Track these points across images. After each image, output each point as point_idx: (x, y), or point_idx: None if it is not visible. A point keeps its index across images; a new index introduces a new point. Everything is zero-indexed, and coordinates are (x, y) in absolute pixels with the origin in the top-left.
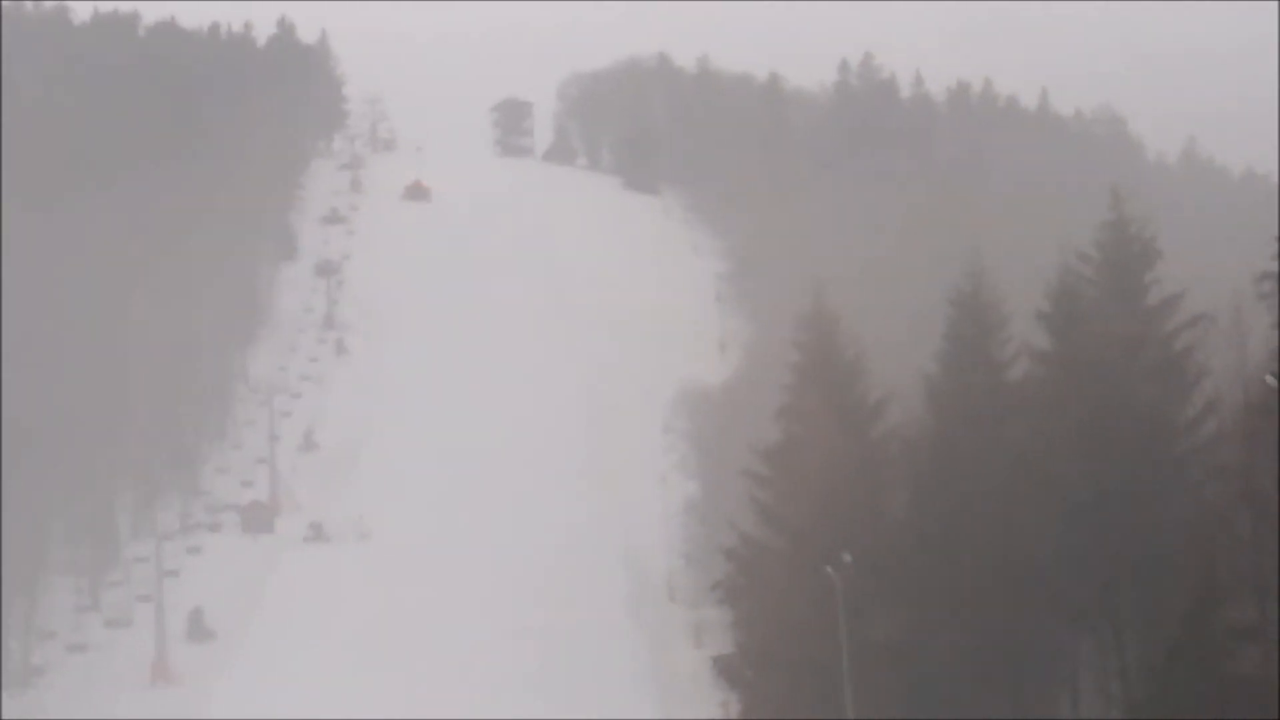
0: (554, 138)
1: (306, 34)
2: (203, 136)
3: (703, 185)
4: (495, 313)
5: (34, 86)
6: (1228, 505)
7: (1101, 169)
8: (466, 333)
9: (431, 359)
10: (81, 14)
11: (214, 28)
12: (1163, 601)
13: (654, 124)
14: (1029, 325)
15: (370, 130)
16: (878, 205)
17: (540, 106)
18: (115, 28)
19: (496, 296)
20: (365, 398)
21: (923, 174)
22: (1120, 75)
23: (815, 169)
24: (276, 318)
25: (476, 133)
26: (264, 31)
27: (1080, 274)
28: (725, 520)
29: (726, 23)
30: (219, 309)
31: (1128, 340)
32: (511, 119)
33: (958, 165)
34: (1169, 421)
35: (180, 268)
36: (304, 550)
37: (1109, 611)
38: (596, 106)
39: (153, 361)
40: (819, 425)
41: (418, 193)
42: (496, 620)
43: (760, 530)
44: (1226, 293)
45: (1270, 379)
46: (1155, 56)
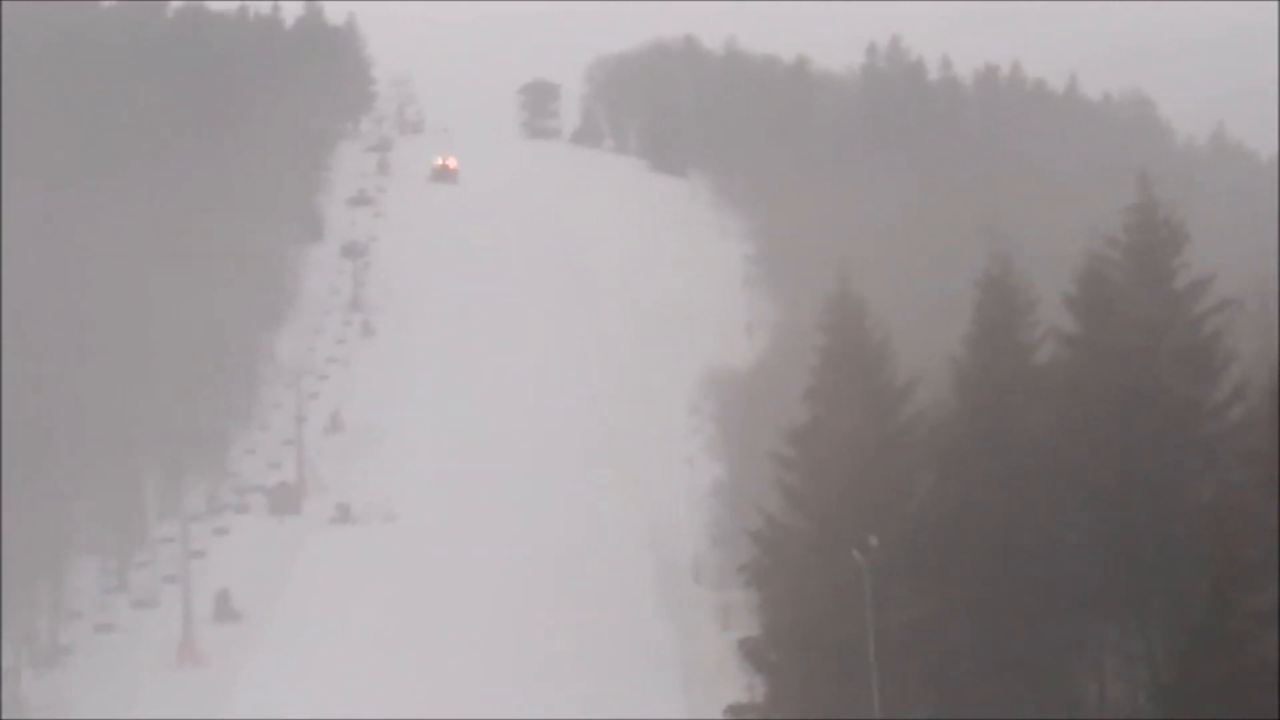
0: (581, 120)
1: (334, 16)
2: (230, 118)
3: (729, 168)
4: (521, 295)
5: (59, 69)
6: (1254, 490)
7: (1130, 152)
8: (492, 315)
9: (457, 341)
10: None
11: (242, 9)
12: (1188, 586)
13: (681, 107)
14: (1056, 309)
15: (398, 112)
16: (905, 188)
17: (567, 89)
18: (143, 10)
19: (523, 279)
20: (391, 380)
21: (950, 157)
22: (1149, 58)
23: (842, 152)
24: (303, 300)
25: (504, 115)
26: (292, 13)
27: (1108, 258)
28: (751, 503)
29: (754, 5)
30: (246, 291)
31: (1155, 324)
32: (539, 101)
33: (985, 148)
34: (1196, 406)
35: (207, 250)
36: (330, 532)
37: (1135, 596)
38: (624, 89)
39: (179, 343)
40: (845, 408)
41: (445, 174)
42: (521, 602)
43: (786, 513)
44: (1255, 277)
45: None
46: (1184, 39)
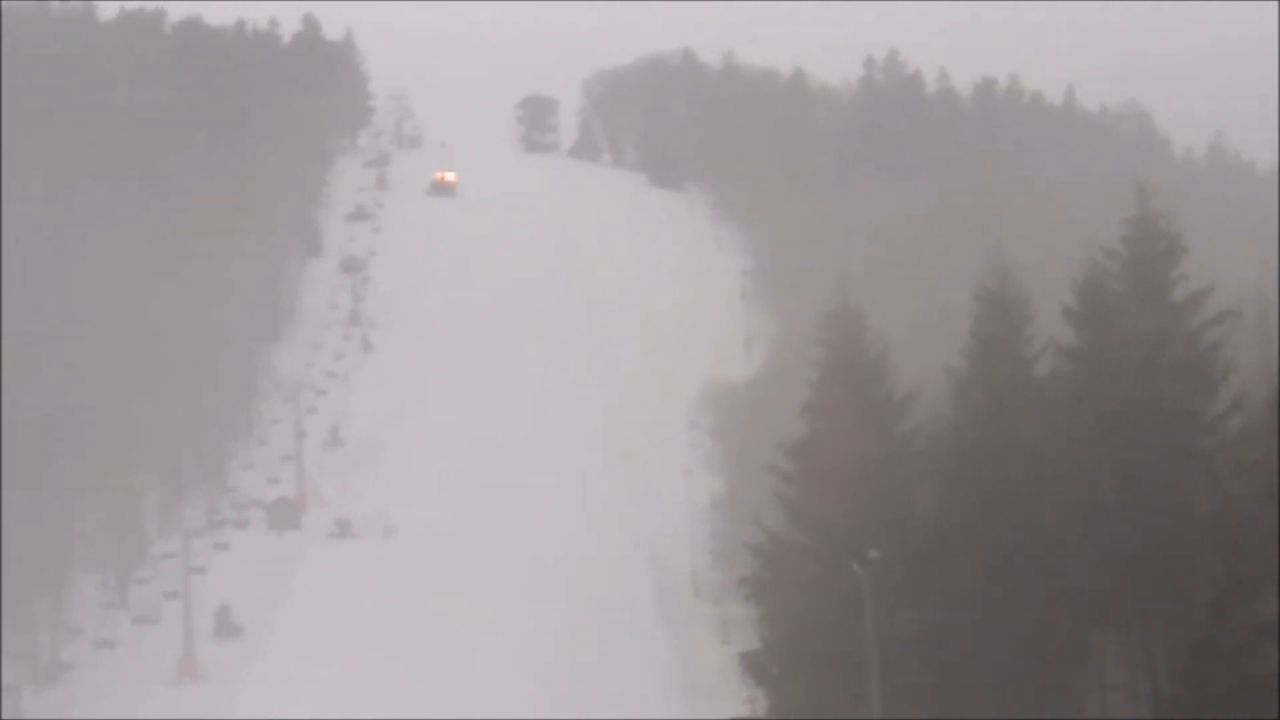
0: (579, 134)
1: (332, 31)
2: (228, 133)
3: (727, 182)
4: (520, 309)
5: (57, 83)
6: (1254, 501)
7: (1127, 164)
8: (491, 329)
9: (456, 355)
10: (107, 11)
11: (239, 25)
12: (1189, 598)
13: (679, 121)
14: (1055, 321)
15: (395, 127)
16: (903, 202)
17: (565, 103)
18: (141, 25)
19: (521, 293)
20: (391, 394)
21: (948, 170)
22: (1146, 70)
23: (840, 165)
24: (302, 314)
25: (501, 129)
26: (289, 28)
27: (1106, 270)
28: (751, 516)
29: (751, 19)
30: (245, 306)
31: (1153, 336)
32: (536, 115)
33: (983, 161)
34: (1195, 417)
35: (206, 265)
36: (330, 547)
37: (1135, 608)
38: (621, 103)
39: (178, 358)
40: (844, 421)
41: (443, 188)
42: (521, 616)
43: (786, 526)
44: (1252, 288)
45: None
46: (1181, 51)
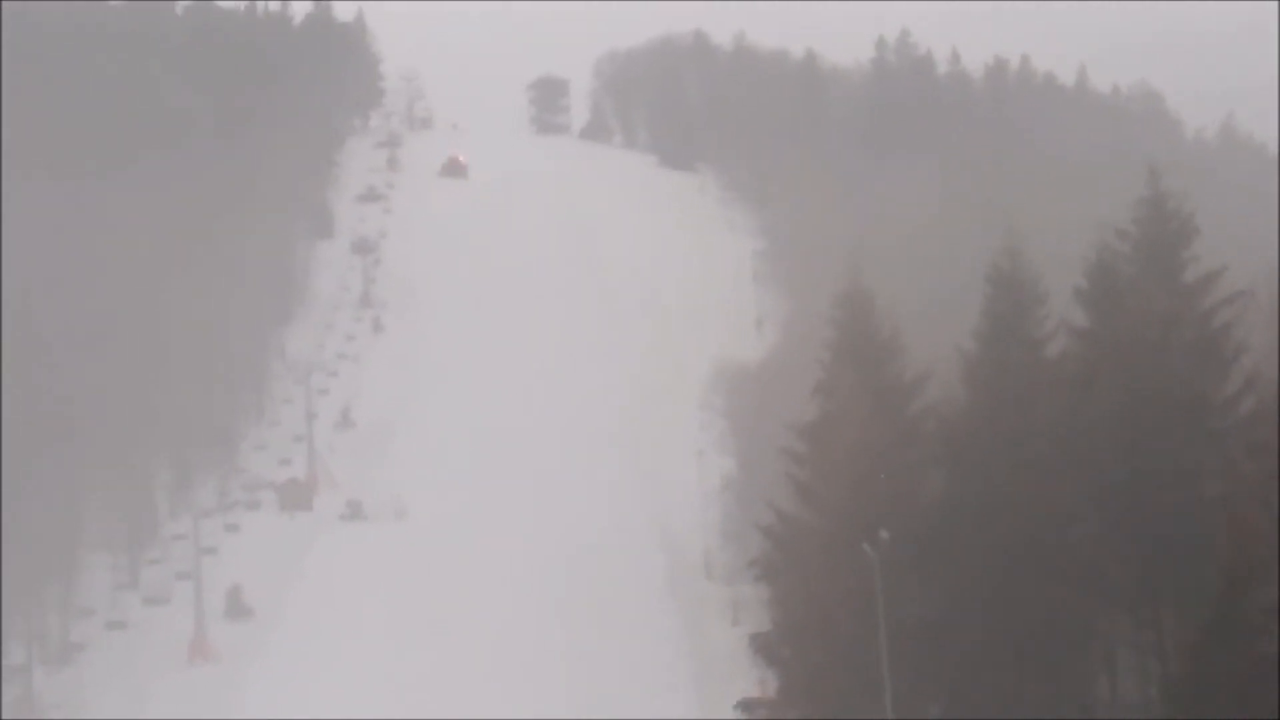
0: (590, 115)
1: (343, 12)
2: (239, 115)
3: (739, 163)
4: (531, 291)
5: (71, 66)
6: (1266, 483)
7: (1139, 145)
8: (502, 310)
9: (468, 337)
10: None
11: (251, 7)
12: (1199, 580)
13: (690, 102)
14: (1066, 302)
15: (407, 108)
16: (914, 182)
17: (576, 84)
18: (152, 10)
19: (533, 274)
20: (402, 376)
21: (959, 151)
22: (1158, 51)
23: (851, 146)
24: (313, 296)
25: (513, 110)
26: (301, 9)
27: (1118, 251)
28: (762, 498)
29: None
30: (256, 287)
31: (1165, 317)
32: (548, 97)
33: (994, 142)
34: (1207, 398)
35: (217, 246)
36: (341, 528)
37: (1146, 589)
38: (633, 84)
39: (190, 340)
40: (855, 403)
41: (454, 169)
42: (532, 598)
43: (797, 508)
44: (1265, 269)
45: None
46: (1193, 32)
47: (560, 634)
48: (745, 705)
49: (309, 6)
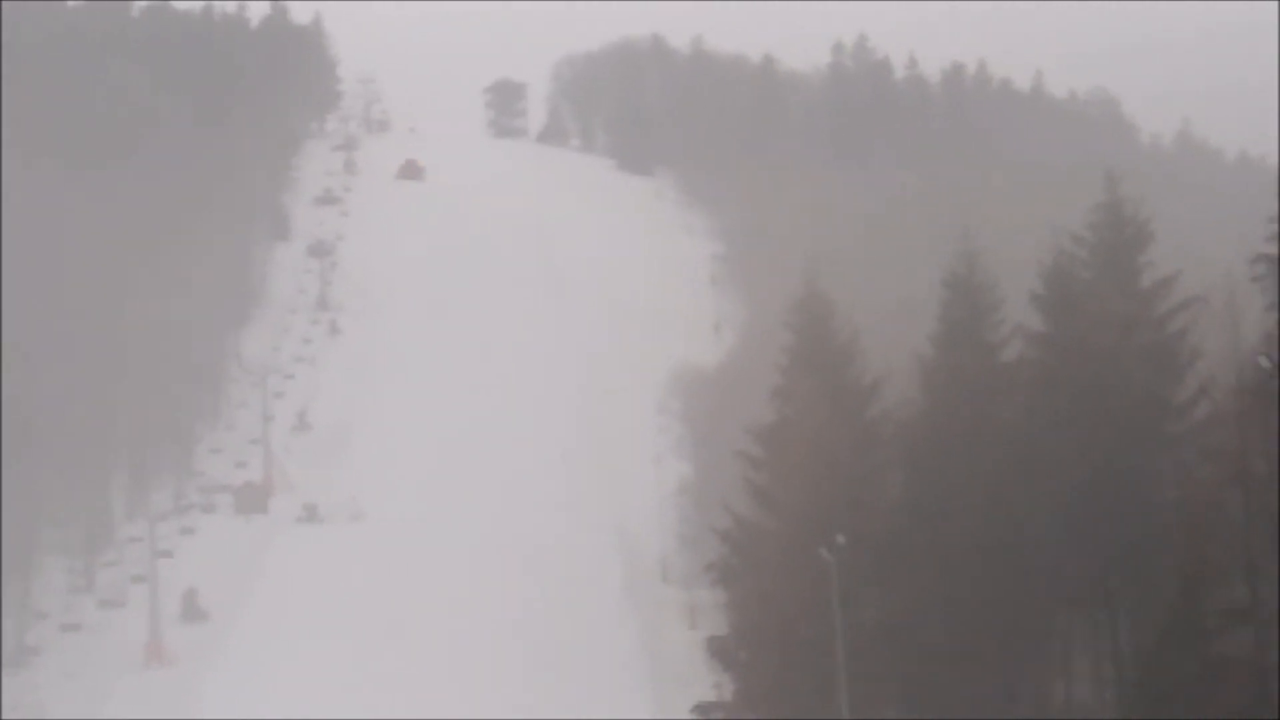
0: (548, 119)
1: (300, 15)
2: (195, 118)
3: (697, 167)
4: (489, 294)
5: (26, 68)
6: (1220, 487)
7: (1096, 151)
8: (460, 314)
9: (425, 340)
10: None
11: (207, 8)
12: (1155, 583)
13: (648, 106)
14: (1023, 307)
15: (364, 111)
16: (872, 187)
17: (534, 88)
18: (108, 11)
19: (490, 277)
20: (358, 378)
21: (916, 156)
22: (1115, 57)
23: (809, 151)
24: (270, 298)
25: (470, 114)
26: (258, 12)
27: (1074, 256)
28: (719, 502)
29: (720, 5)
30: (212, 290)
31: (1121, 322)
32: (505, 100)
33: (951, 147)
34: (1162, 403)
35: (173, 249)
36: (297, 531)
37: (1102, 592)
38: (590, 88)
39: (146, 342)
40: (813, 407)
41: (411, 171)
42: (489, 601)
43: (754, 512)
44: (1220, 275)
45: (1263, 361)
46: (1150, 38)
47: (517, 637)
48: (702, 709)
49: (266, 9)
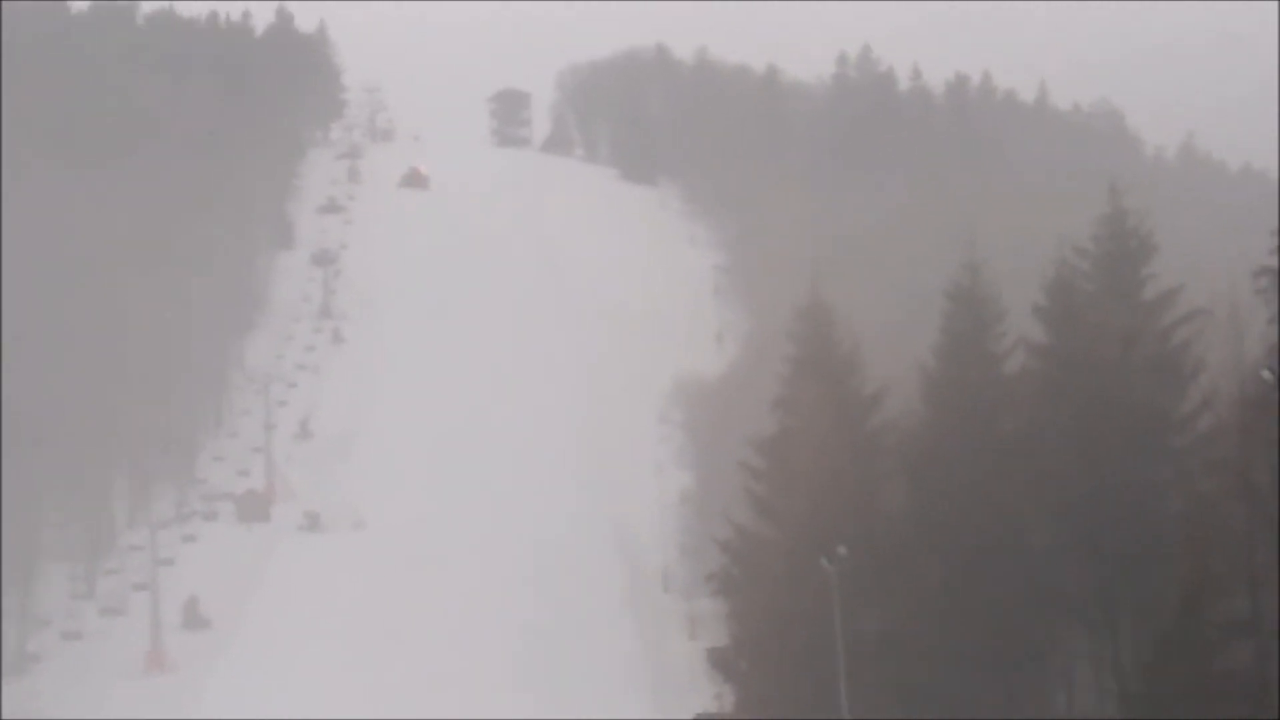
0: (551, 128)
1: (305, 23)
2: (200, 126)
3: (700, 177)
4: (492, 303)
5: (30, 75)
6: (1223, 500)
7: (1099, 163)
8: (463, 323)
9: (428, 348)
10: (79, 4)
11: (212, 16)
12: (1157, 595)
13: (652, 115)
14: (1026, 319)
15: (368, 120)
16: (875, 198)
17: (538, 97)
18: (113, 17)
19: (493, 287)
20: (361, 387)
21: (920, 167)
22: (1119, 69)
23: (812, 162)
24: (273, 307)
25: (474, 123)
26: (262, 20)
27: (1077, 268)
28: (720, 512)
29: (725, 15)
30: (216, 298)
31: (1124, 334)
32: (509, 109)
33: (955, 158)
34: (1165, 416)
35: (177, 256)
36: (299, 539)
37: (1104, 604)
38: (594, 97)
39: (149, 350)
40: (815, 417)
41: (415, 179)
42: (490, 610)
43: (755, 522)
44: (1224, 287)
45: (1266, 374)
46: (1154, 51)
47: (517, 646)
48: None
49: (271, 17)
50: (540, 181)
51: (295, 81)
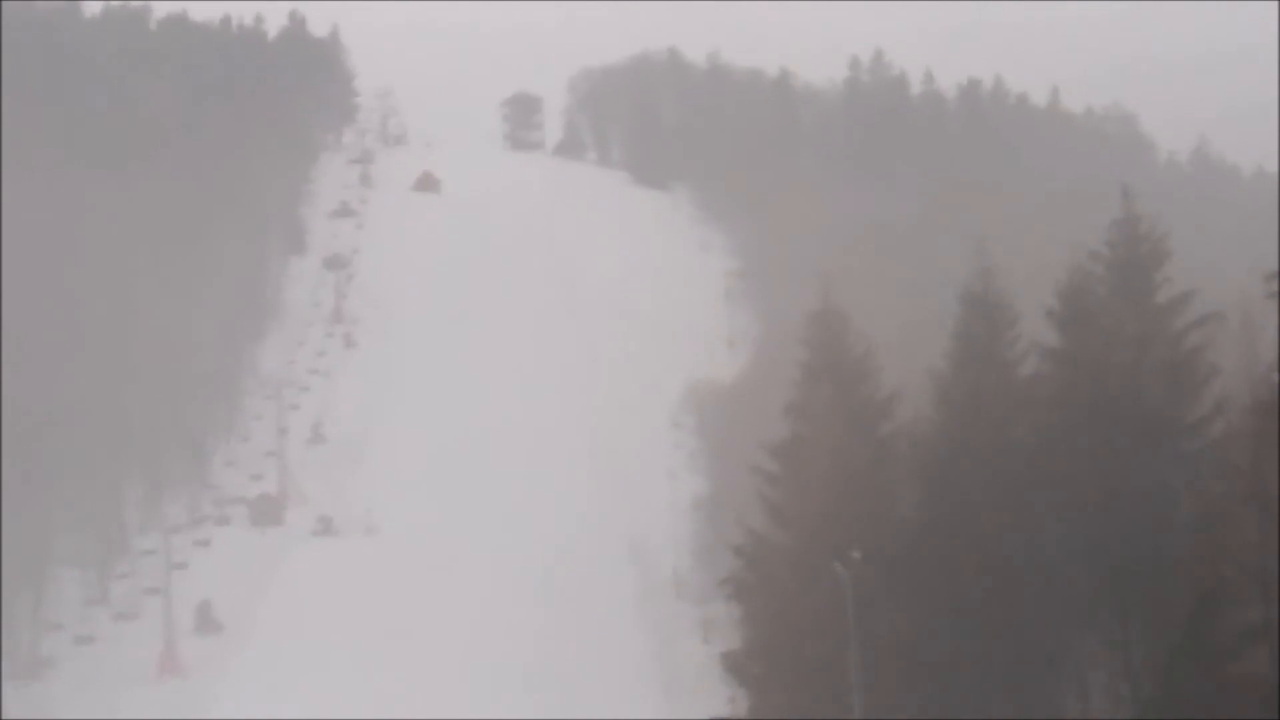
0: (564, 133)
1: (318, 27)
2: (213, 130)
3: (712, 181)
4: (504, 307)
5: (44, 80)
6: (1235, 505)
7: (1112, 167)
8: (475, 327)
9: (440, 353)
10: (92, 7)
11: (225, 21)
12: (1170, 600)
13: (664, 120)
14: (1038, 323)
15: (380, 124)
16: (887, 202)
17: (550, 101)
18: (126, 21)
19: (505, 291)
20: (373, 391)
21: (933, 172)
22: (1132, 73)
23: (825, 166)
24: (285, 311)
25: (487, 127)
26: (275, 25)
27: (1090, 272)
28: (733, 517)
29: (737, 18)
30: (228, 302)
31: (1137, 339)
32: (521, 113)
33: (968, 162)
34: (1177, 420)
35: (189, 261)
36: (312, 544)
37: (1117, 610)
38: (607, 102)
39: (161, 354)
40: (827, 422)
41: (428, 183)
42: (503, 615)
43: (768, 527)
44: (1236, 292)
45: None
46: (1167, 55)
47: (530, 651)
48: None
49: (284, 22)
50: (552, 186)
51: (308, 86)
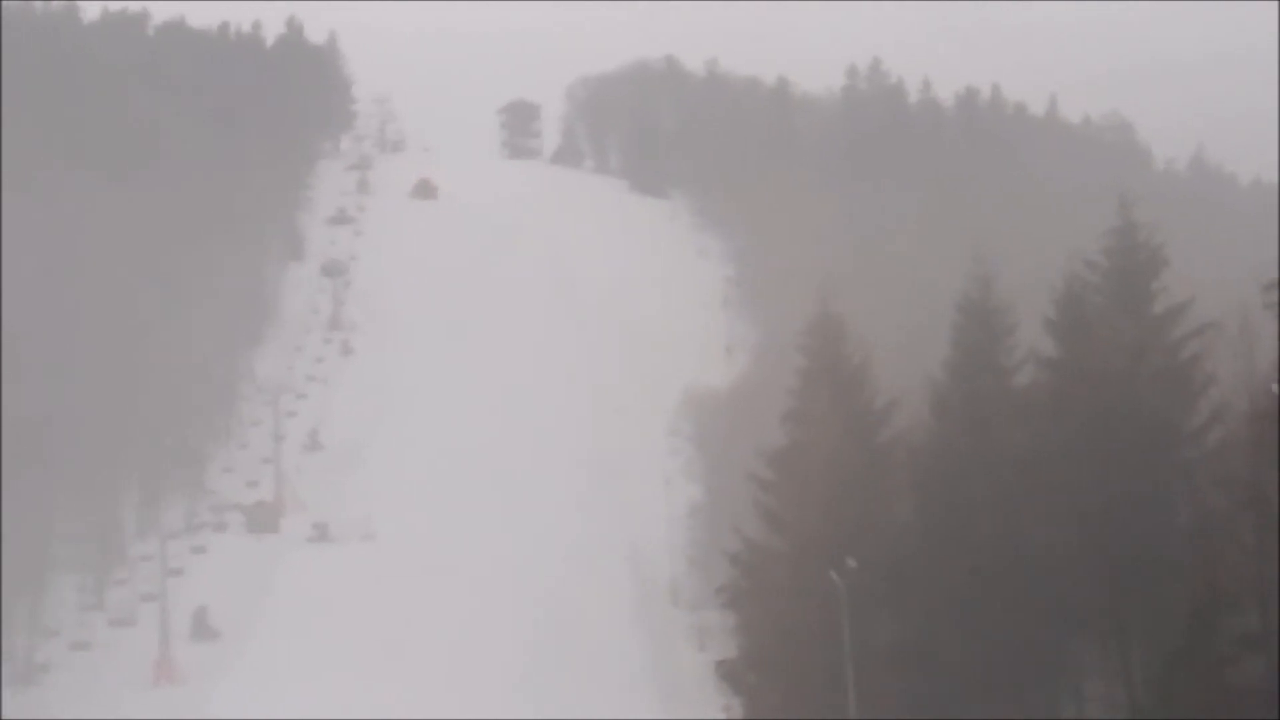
0: (561, 140)
1: (315, 34)
2: (211, 136)
3: (710, 189)
4: (501, 314)
5: (41, 85)
6: (1232, 513)
7: (1109, 175)
8: (472, 334)
9: (437, 360)
10: (90, 13)
11: (223, 27)
12: (1167, 609)
13: (662, 127)
14: (1036, 332)
15: (378, 131)
16: (885, 211)
17: (548, 108)
18: (124, 27)
19: (503, 299)
20: (370, 398)
21: (930, 180)
22: (1129, 82)
23: (823, 174)
24: (283, 318)
25: (484, 134)
26: (273, 31)
27: (1087, 281)
28: (729, 524)
29: (735, 26)
30: (226, 309)
31: (1134, 347)
32: (519, 121)
33: (965, 171)
34: (1175, 429)
35: (187, 267)
36: (308, 550)
37: (1114, 618)
38: (604, 109)
39: (159, 361)
40: (824, 430)
41: (425, 190)
42: (500, 622)
43: (764, 535)
44: (1234, 301)
45: (1276, 388)
46: (1164, 63)
47: (526, 657)
48: None
49: (281, 28)
50: (550, 193)
51: (305, 92)
